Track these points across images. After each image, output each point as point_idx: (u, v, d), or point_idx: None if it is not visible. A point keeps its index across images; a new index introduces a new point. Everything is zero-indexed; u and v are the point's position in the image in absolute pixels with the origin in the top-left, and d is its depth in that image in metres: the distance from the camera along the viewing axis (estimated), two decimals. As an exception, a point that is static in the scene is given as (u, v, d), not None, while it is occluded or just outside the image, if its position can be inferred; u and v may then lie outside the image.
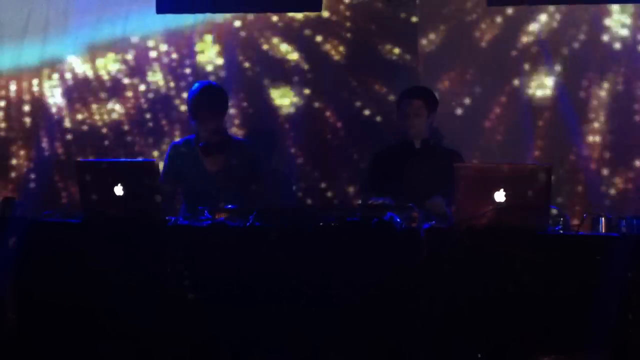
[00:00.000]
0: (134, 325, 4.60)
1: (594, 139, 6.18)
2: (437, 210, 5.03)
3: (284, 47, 6.50)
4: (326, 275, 4.42)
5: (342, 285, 4.40)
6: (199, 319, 4.54)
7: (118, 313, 4.61)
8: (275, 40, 6.52)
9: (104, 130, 6.61)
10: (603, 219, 4.47)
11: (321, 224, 4.47)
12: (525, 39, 6.28)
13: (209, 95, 5.55)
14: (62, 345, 4.69)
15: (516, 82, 6.27)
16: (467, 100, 6.32)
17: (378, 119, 6.35)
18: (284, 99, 6.49)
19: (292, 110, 6.47)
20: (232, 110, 6.36)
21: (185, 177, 5.60)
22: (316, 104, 6.48)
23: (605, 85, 6.21)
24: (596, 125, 6.19)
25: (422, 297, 4.33)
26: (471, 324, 4.33)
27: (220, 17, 6.54)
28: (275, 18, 6.49)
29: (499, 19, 6.32)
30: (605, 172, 6.16)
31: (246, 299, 4.49)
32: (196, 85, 5.67)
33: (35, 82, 6.63)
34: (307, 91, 6.47)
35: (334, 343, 4.44)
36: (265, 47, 6.50)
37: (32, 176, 6.60)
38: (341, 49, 6.45)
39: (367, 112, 6.41)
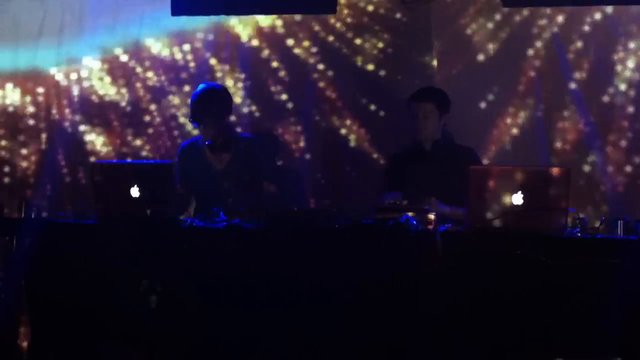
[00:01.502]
0: (140, 325, 4.59)
1: (612, 141, 6.15)
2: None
3: (299, 48, 6.51)
4: (337, 276, 4.39)
5: (361, 287, 4.38)
6: (201, 318, 4.53)
7: (129, 313, 4.60)
8: (290, 41, 6.53)
9: (118, 131, 6.64)
10: (621, 221, 4.45)
11: (337, 226, 4.46)
12: (540, 40, 6.27)
13: (210, 99, 5.49)
14: (73, 344, 4.69)
15: (532, 83, 6.27)
16: (481, 103, 6.31)
17: (394, 119, 6.36)
18: (296, 99, 6.51)
19: (305, 111, 6.49)
20: (244, 110, 6.40)
21: (194, 177, 5.59)
22: (331, 106, 6.49)
23: (623, 86, 6.19)
24: (615, 128, 6.17)
25: (436, 299, 4.31)
26: (480, 327, 4.30)
27: (235, 19, 6.56)
28: (292, 18, 6.52)
29: (515, 19, 6.31)
30: (624, 175, 6.13)
31: (255, 300, 4.47)
32: (199, 88, 5.63)
33: (50, 84, 6.65)
34: (320, 92, 6.48)
35: (341, 343, 4.43)
36: (281, 48, 6.53)
37: (47, 177, 6.62)
38: (357, 53, 6.48)
39: (382, 114, 6.42)
